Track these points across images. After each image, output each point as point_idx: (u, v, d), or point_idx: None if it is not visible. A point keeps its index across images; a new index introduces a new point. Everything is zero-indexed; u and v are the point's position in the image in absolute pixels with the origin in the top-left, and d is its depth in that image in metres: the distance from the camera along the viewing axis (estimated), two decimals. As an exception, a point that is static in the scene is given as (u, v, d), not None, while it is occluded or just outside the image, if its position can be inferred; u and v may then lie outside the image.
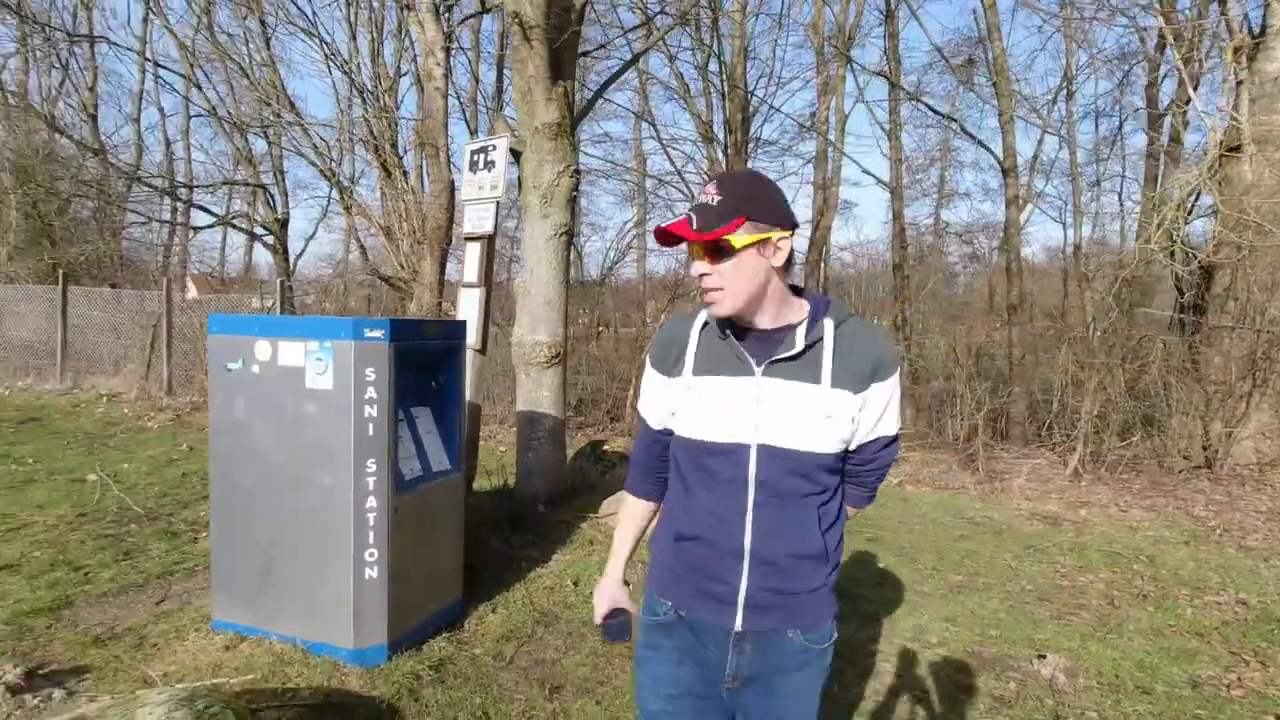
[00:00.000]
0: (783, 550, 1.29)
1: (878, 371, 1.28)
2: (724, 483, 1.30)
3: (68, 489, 5.38)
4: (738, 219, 1.21)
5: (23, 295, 11.37)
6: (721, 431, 1.29)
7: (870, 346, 1.29)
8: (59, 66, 17.80)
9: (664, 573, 1.42)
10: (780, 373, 1.27)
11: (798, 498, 1.28)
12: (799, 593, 1.31)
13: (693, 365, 1.34)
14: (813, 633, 1.34)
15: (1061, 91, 10.48)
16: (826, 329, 1.28)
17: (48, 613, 3.29)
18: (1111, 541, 4.99)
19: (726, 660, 1.34)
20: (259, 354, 2.91)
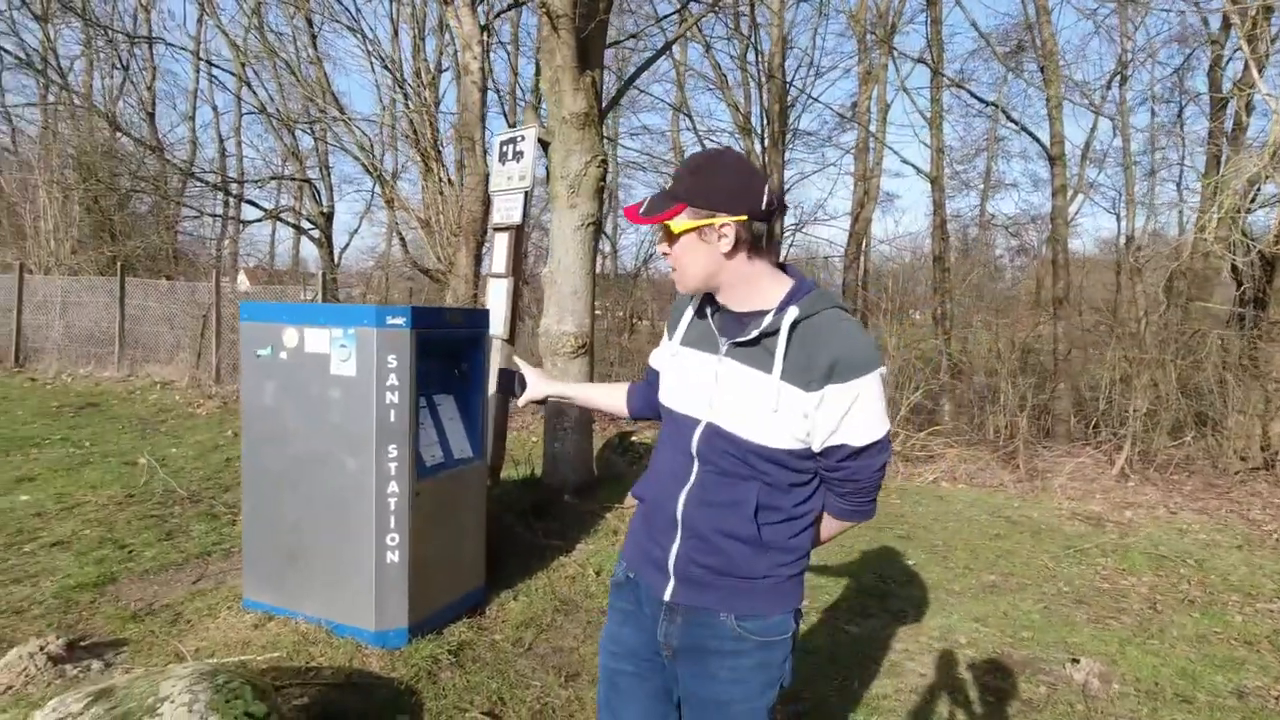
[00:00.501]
0: (710, 525, 1.29)
1: (836, 371, 1.19)
2: (677, 452, 1.34)
3: (119, 471, 5.62)
4: (678, 205, 1.24)
5: (85, 287, 11.88)
6: (683, 402, 1.34)
7: (833, 344, 1.20)
8: (120, 67, 18.55)
9: (630, 533, 1.49)
10: (738, 356, 1.28)
11: (736, 479, 1.27)
12: (733, 576, 1.29)
13: (681, 335, 1.40)
14: (751, 621, 1.29)
15: (1116, 77, 10.04)
16: (786, 319, 1.23)
17: (93, 588, 3.44)
18: (1158, 544, 4.78)
19: (660, 627, 1.36)
20: (287, 341, 2.98)
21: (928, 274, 13.46)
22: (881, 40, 12.34)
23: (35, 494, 4.91)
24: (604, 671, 1.48)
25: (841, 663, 3.04)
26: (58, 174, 13.42)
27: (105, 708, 1.99)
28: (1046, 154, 9.17)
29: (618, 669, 1.44)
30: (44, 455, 6.03)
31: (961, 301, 11.22)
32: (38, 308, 11.84)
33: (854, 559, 4.34)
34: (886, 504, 5.65)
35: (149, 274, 13.37)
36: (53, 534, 4.15)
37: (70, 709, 2.01)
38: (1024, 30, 10.81)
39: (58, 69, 17.11)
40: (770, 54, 12.96)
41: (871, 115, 14.01)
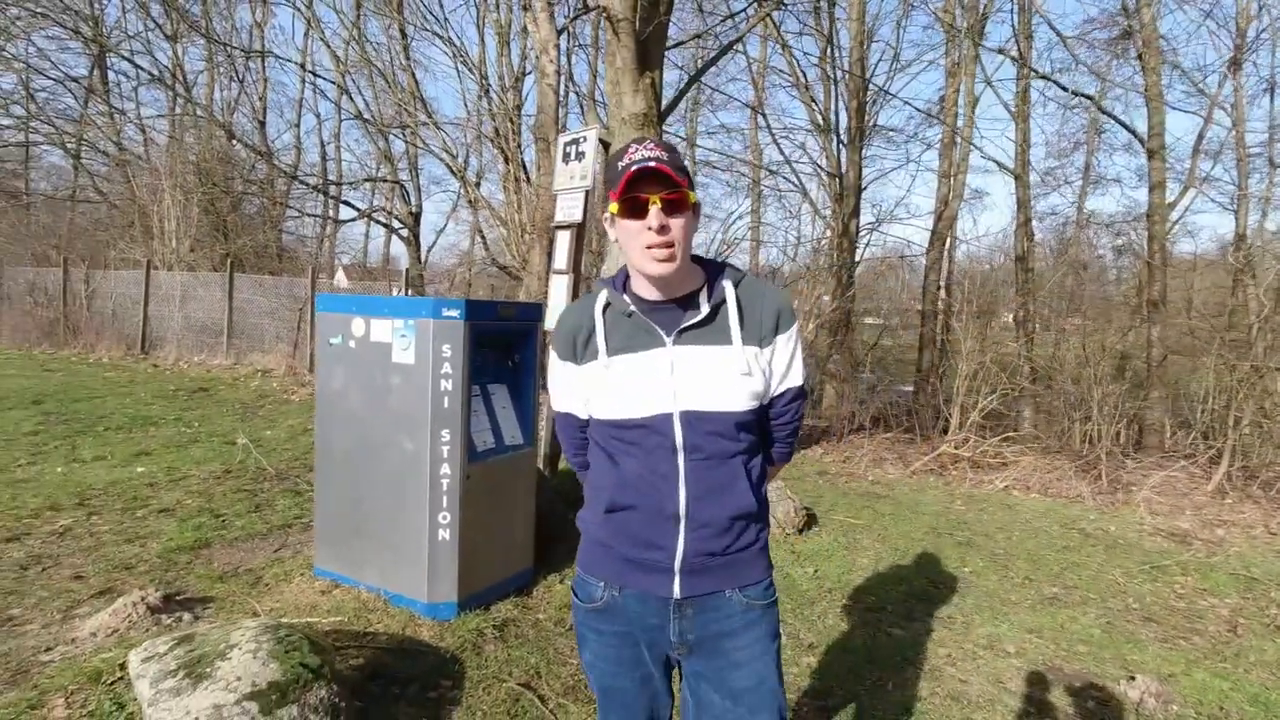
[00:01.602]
0: (721, 511, 1.29)
1: (780, 322, 1.32)
2: (652, 450, 1.29)
3: (221, 449, 6.17)
4: (686, 177, 1.25)
5: (201, 282, 13.01)
6: (642, 406, 1.28)
7: (770, 299, 1.33)
8: (236, 80, 20.17)
9: (594, 549, 1.40)
10: (691, 339, 1.29)
11: (726, 458, 1.29)
12: (731, 552, 1.32)
13: (604, 346, 1.33)
14: (752, 589, 1.34)
15: (1230, 63, 9.24)
16: (728, 290, 1.31)
17: (190, 550, 3.83)
18: (1249, 565, 4.44)
19: (669, 628, 1.34)
20: (355, 330, 3.23)
21: (1008, 274, 12.80)
22: (970, 30, 11.85)
23: (150, 466, 5.47)
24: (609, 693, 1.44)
25: (879, 663, 3.02)
26: (181, 179, 14.71)
27: (186, 650, 2.25)
28: (1144, 147, 8.57)
29: (624, 686, 1.41)
30: (160, 433, 6.68)
31: (1049, 303, 10.62)
32: (161, 301, 13.06)
33: (907, 563, 4.26)
34: (949, 510, 5.49)
35: (255, 270, 14.47)
36: (161, 502, 4.63)
37: (158, 649, 2.29)
38: (1124, 17, 10.13)
39: (184, 83, 18.77)
40: (849, 49, 12.68)
41: (959, 109, 13.45)
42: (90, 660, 2.61)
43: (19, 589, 3.25)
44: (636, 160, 1.21)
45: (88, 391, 8.65)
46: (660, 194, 1.21)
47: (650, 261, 1.24)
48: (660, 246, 1.22)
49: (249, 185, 17.71)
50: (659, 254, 1.23)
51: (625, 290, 1.36)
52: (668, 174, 1.20)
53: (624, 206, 1.24)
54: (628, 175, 1.20)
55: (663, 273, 1.25)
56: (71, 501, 4.50)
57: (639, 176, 1.21)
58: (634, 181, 1.21)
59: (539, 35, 8.86)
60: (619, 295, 1.34)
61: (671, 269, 1.25)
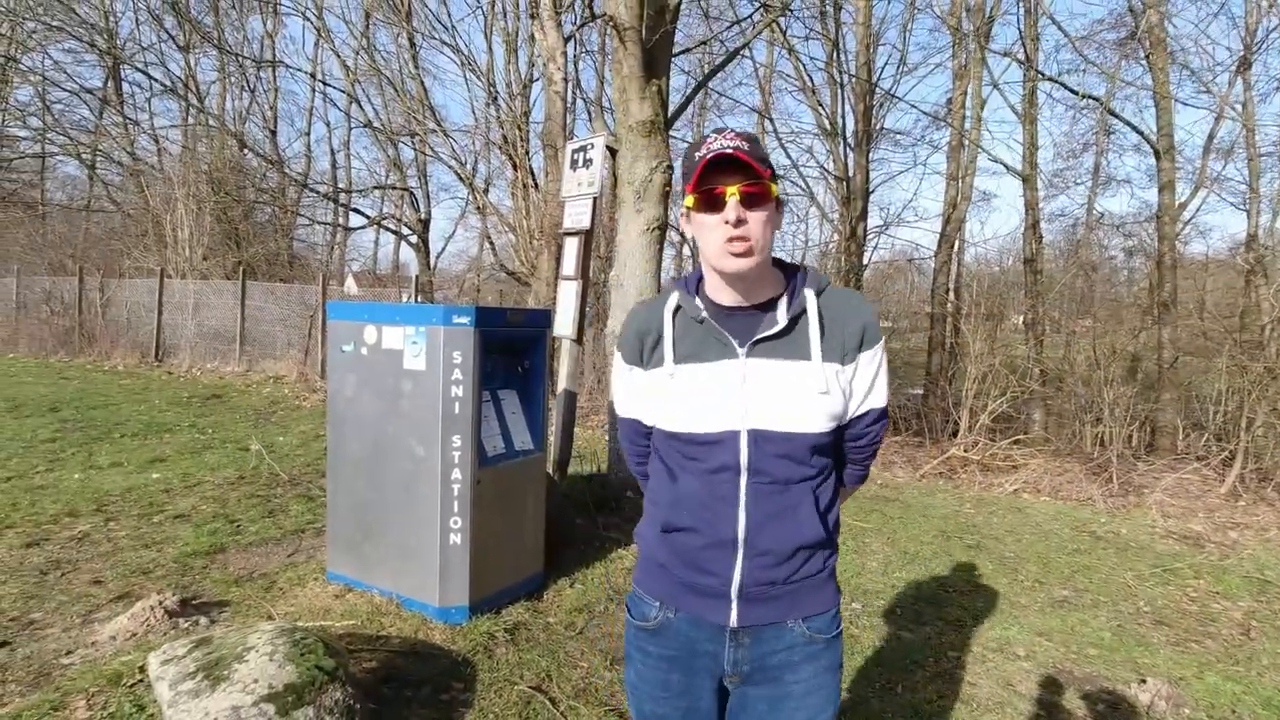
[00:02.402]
0: (781, 540, 1.20)
1: (865, 338, 1.21)
2: (714, 470, 1.20)
3: (234, 455, 6.24)
4: (769, 169, 1.14)
5: (213, 290, 13.16)
6: (708, 421, 1.19)
7: (856, 313, 1.22)
8: (248, 90, 20.40)
9: (650, 568, 1.32)
10: (766, 352, 1.18)
11: (793, 483, 1.19)
12: (795, 581, 1.22)
13: (672, 353, 1.23)
14: (817, 620, 1.24)
15: (1239, 62, 9.20)
16: (810, 300, 1.20)
17: (205, 555, 3.89)
18: (1263, 568, 4.41)
19: (724, 655, 1.25)
20: (367, 338, 3.28)
21: (1018, 276, 12.76)
22: (977, 33, 11.84)
23: (165, 473, 5.54)
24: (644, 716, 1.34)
25: (888, 666, 3.03)
26: (194, 188, 14.90)
27: (203, 653, 2.29)
28: (1153, 147, 8.54)
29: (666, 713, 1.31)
30: (174, 439, 6.77)
31: (1059, 305, 10.58)
32: (175, 308, 13.20)
33: (917, 567, 4.26)
34: (959, 514, 5.48)
35: (267, 278, 14.62)
36: (176, 508, 4.69)
37: (177, 652, 2.33)
38: (1131, 17, 10.11)
39: (197, 94, 19.01)
40: (855, 53, 12.70)
41: (967, 111, 13.44)
42: (110, 663, 2.66)
43: (39, 593, 3.31)
44: (714, 149, 1.12)
45: (103, 399, 8.77)
46: (739, 185, 1.12)
47: (726, 257, 1.14)
48: (737, 240, 1.12)
49: (260, 194, 17.91)
50: (736, 248, 1.13)
51: (698, 293, 1.26)
52: (746, 162, 1.10)
53: (700, 199, 1.15)
54: (703, 164, 1.11)
55: (739, 269, 1.15)
56: (89, 507, 4.57)
57: (715, 166, 1.11)
58: (710, 172, 1.12)
59: (546, 43, 8.94)
60: (690, 299, 1.25)
61: (749, 265, 1.14)
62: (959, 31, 11.56)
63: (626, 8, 4.34)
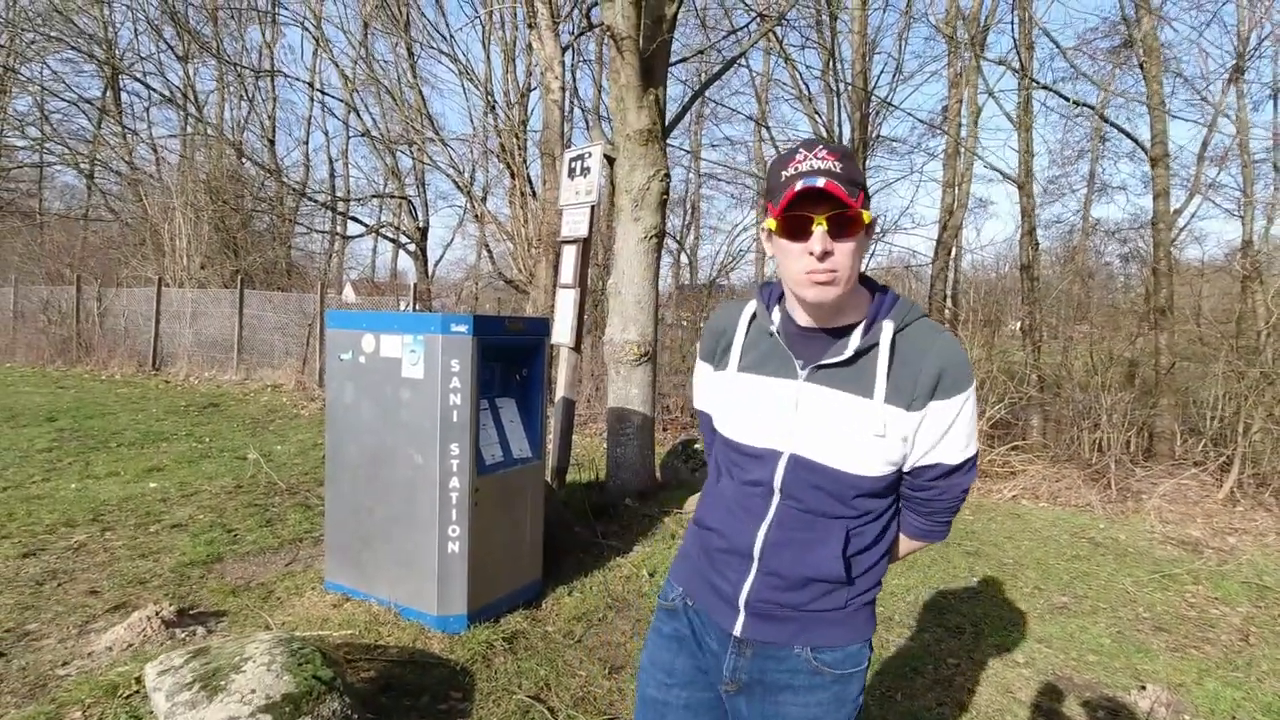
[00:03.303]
0: (791, 567, 1.17)
1: (941, 385, 1.09)
2: (749, 482, 1.20)
3: (232, 464, 6.22)
4: (861, 192, 1.07)
5: (211, 298, 13.16)
6: (756, 435, 1.18)
7: (936, 356, 1.10)
8: (246, 99, 20.46)
9: (683, 557, 1.36)
10: (825, 380, 1.13)
11: (824, 517, 1.15)
12: (808, 610, 1.19)
13: (738, 360, 1.23)
14: (828, 653, 1.19)
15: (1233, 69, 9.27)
16: (884, 333, 1.11)
17: (202, 565, 3.87)
18: (1261, 573, 4.41)
19: (724, 660, 1.24)
20: (365, 346, 3.28)
21: (1016, 283, 12.80)
22: (972, 42, 11.92)
23: (162, 482, 5.53)
24: (649, 704, 1.33)
25: (887, 673, 3.02)
26: (192, 197, 14.92)
27: (201, 663, 2.28)
28: (1147, 155, 8.59)
29: (667, 700, 1.31)
30: (171, 448, 6.75)
31: (1056, 312, 10.61)
32: (172, 317, 13.19)
33: (914, 573, 4.26)
34: (958, 519, 5.48)
35: (265, 286, 14.62)
36: (173, 517, 4.68)
37: (173, 663, 2.32)
38: (1125, 27, 10.19)
39: (195, 103, 19.06)
40: (852, 62, 12.78)
41: (962, 119, 13.51)
42: (106, 674, 2.64)
43: (35, 604, 3.30)
44: (803, 174, 1.05)
45: (100, 408, 8.75)
46: (827, 214, 1.04)
47: (808, 287, 1.08)
48: (822, 273, 1.06)
49: (258, 202, 17.95)
50: (820, 278, 1.07)
51: (777, 305, 1.22)
52: (835, 194, 1.02)
53: (783, 225, 1.07)
54: (790, 194, 1.04)
55: (821, 299, 1.09)
56: (86, 517, 4.56)
57: (804, 196, 1.05)
58: (798, 199, 1.05)
59: (544, 52, 8.99)
60: (766, 310, 1.22)
61: (832, 295, 1.08)
62: (954, 40, 11.63)
63: (624, 18, 4.37)
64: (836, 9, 10.92)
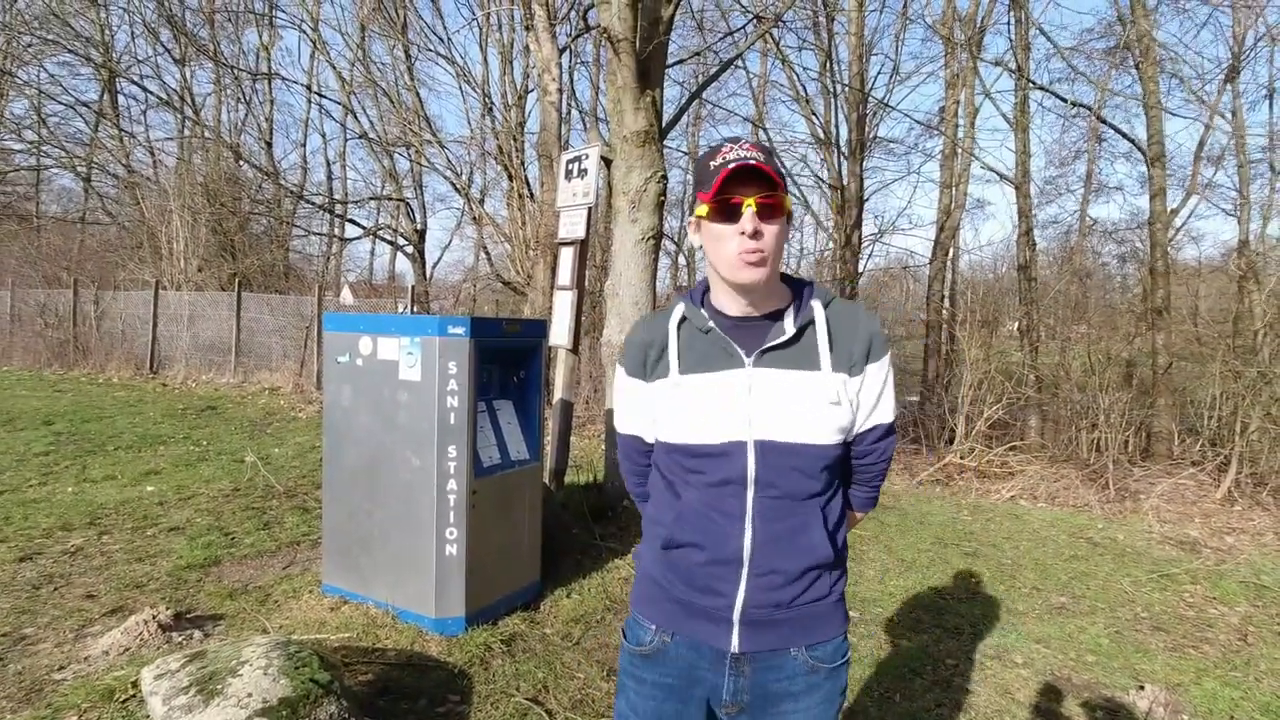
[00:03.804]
0: (789, 559, 1.17)
1: (873, 350, 1.20)
2: (717, 484, 1.17)
3: (229, 467, 6.21)
4: (783, 182, 1.14)
5: (209, 301, 13.14)
6: (713, 431, 1.17)
7: (863, 324, 1.21)
8: (243, 102, 20.44)
9: (649, 589, 1.28)
10: (773, 362, 1.17)
11: (802, 499, 1.17)
12: (800, 605, 1.19)
13: (678, 364, 1.22)
14: (821, 649, 1.20)
15: (1228, 70, 9.29)
16: (817, 310, 1.20)
17: (200, 568, 3.86)
18: (1260, 573, 4.42)
19: (723, 685, 1.21)
20: (362, 349, 3.28)
21: (1015, 284, 12.82)
22: (968, 43, 11.95)
23: (159, 485, 5.51)
24: None
25: (886, 674, 3.02)
26: (189, 200, 14.89)
27: (197, 667, 2.28)
28: (1144, 155, 8.61)
29: None
30: (169, 452, 6.74)
31: (1054, 312, 10.63)
32: (169, 320, 13.17)
33: (912, 574, 4.26)
34: (956, 520, 5.48)
35: (262, 289, 14.60)
36: (171, 521, 4.66)
37: (170, 667, 2.31)
38: (1121, 27, 10.21)
39: (193, 106, 19.03)
40: (849, 63, 12.80)
41: (959, 120, 13.53)
42: (103, 678, 2.63)
43: (32, 608, 3.28)
44: (732, 158, 1.11)
45: (97, 411, 8.73)
46: (756, 196, 1.10)
47: (741, 268, 1.13)
48: (752, 252, 1.12)
49: (256, 205, 17.93)
50: (751, 258, 1.12)
51: (704, 304, 1.25)
52: (767, 173, 1.10)
53: (715, 208, 1.13)
54: (723, 174, 1.09)
55: (753, 280, 1.14)
56: (83, 521, 4.55)
57: (735, 176, 1.10)
58: (729, 181, 1.10)
59: (541, 54, 8.99)
60: (697, 309, 1.24)
61: (762, 276, 1.13)
62: (951, 41, 11.66)
63: (620, 20, 4.37)
64: (833, 10, 10.94)
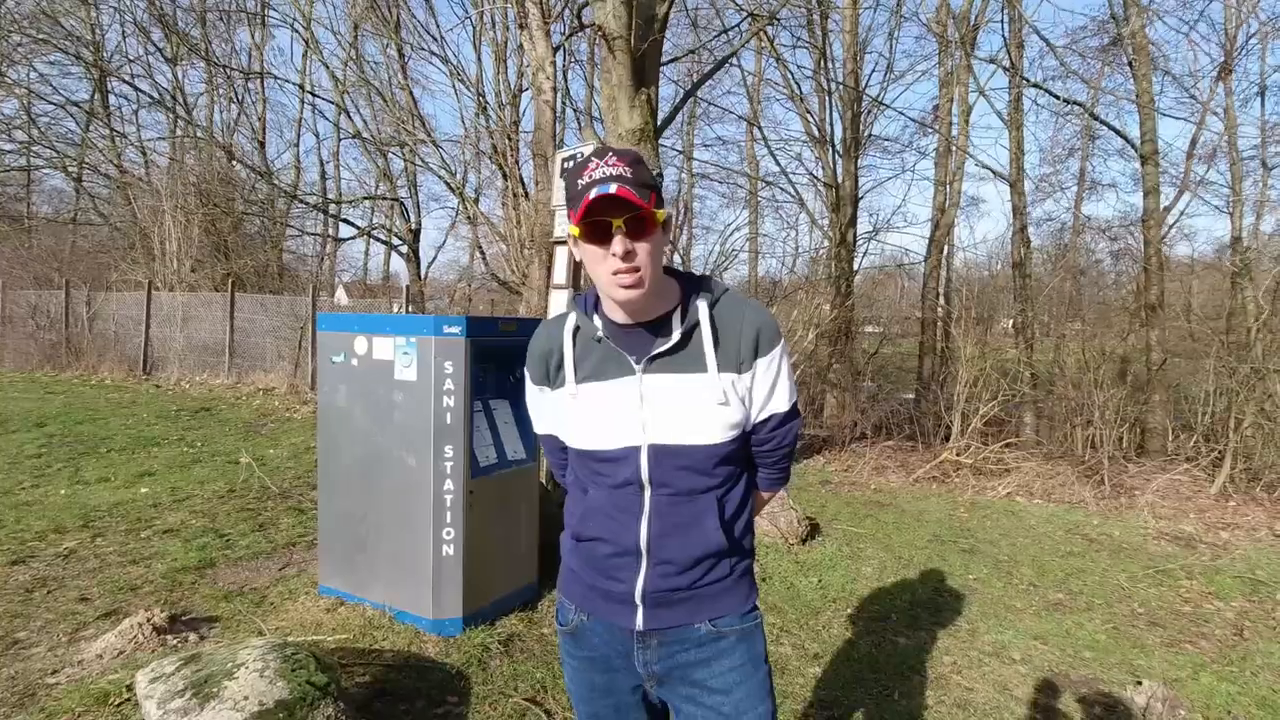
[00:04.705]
0: (682, 551, 1.22)
1: (760, 343, 1.20)
2: (618, 485, 1.23)
3: (224, 469, 6.18)
4: (653, 192, 1.14)
5: (202, 302, 13.07)
6: (610, 438, 1.21)
7: (749, 320, 1.21)
8: (236, 101, 20.33)
9: (566, 573, 1.37)
10: (662, 368, 1.19)
11: (695, 494, 1.22)
12: (700, 586, 1.25)
13: (574, 373, 1.25)
14: (727, 620, 1.26)
15: (1220, 68, 9.33)
16: (702, 311, 1.20)
17: (195, 570, 3.84)
18: (1255, 568, 4.44)
19: (635, 657, 1.28)
20: (357, 348, 3.26)
21: (1009, 281, 12.86)
22: (962, 41, 11.96)
23: (153, 487, 5.48)
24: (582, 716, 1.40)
25: (884, 672, 3.02)
26: (182, 200, 14.80)
27: (193, 670, 2.26)
28: (1137, 153, 8.64)
29: (592, 712, 1.37)
30: (163, 453, 6.70)
31: (1048, 309, 10.66)
32: (163, 321, 13.10)
33: (911, 571, 4.26)
34: (953, 518, 5.49)
35: (257, 290, 14.53)
36: (165, 523, 4.64)
37: (165, 670, 2.29)
38: (1114, 24, 10.24)
39: (185, 105, 18.94)
40: (843, 61, 12.81)
41: (954, 117, 13.55)
42: (97, 682, 2.61)
43: (25, 612, 3.26)
44: (596, 182, 1.09)
45: (90, 413, 8.68)
46: (625, 216, 1.10)
47: (616, 289, 1.14)
48: (626, 273, 1.12)
49: (249, 205, 17.83)
50: (624, 279, 1.12)
51: (596, 311, 1.26)
52: (627, 199, 1.08)
53: (585, 231, 1.12)
54: (585, 202, 1.09)
55: (629, 298, 1.15)
56: (76, 523, 4.51)
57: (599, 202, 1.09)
58: (594, 206, 1.10)
59: (535, 53, 8.95)
60: (588, 318, 1.26)
61: (638, 295, 1.14)
62: (944, 38, 11.67)
63: (615, 17, 4.36)
64: (828, 8, 10.94)
